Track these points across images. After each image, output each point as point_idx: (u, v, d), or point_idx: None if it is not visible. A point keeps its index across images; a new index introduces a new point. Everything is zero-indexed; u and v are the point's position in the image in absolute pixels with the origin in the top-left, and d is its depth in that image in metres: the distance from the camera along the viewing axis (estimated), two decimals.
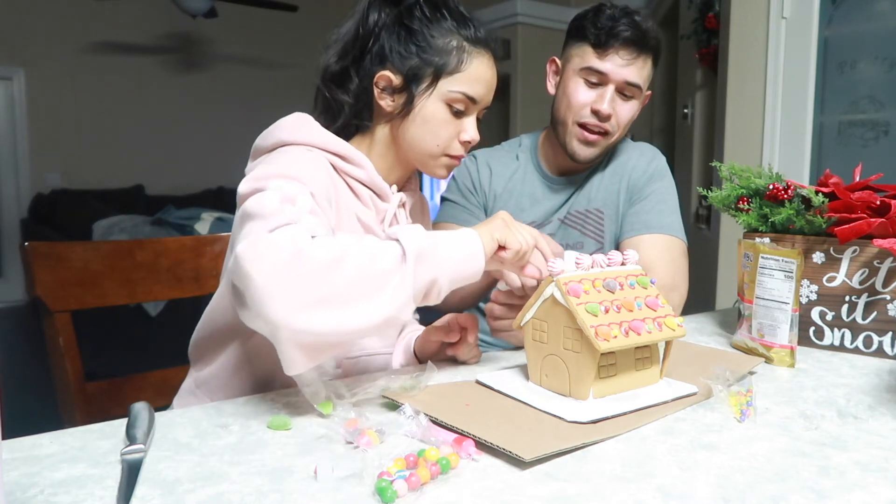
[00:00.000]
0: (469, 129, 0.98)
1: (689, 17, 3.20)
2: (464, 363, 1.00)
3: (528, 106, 4.47)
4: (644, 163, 1.36)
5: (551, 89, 1.37)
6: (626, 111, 1.29)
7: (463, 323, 0.97)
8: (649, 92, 1.35)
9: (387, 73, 0.95)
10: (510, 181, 1.41)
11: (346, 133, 1.00)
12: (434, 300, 0.80)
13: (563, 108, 1.30)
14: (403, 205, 1.03)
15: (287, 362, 0.73)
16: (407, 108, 0.95)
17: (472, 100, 0.96)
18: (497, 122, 5.16)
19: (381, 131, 0.99)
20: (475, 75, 0.95)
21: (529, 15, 4.48)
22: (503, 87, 5.09)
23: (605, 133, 1.29)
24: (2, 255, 5.56)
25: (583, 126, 1.28)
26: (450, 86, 0.94)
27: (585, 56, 1.26)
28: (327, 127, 0.97)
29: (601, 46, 1.24)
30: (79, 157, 5.67)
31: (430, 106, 0.95)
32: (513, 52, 4.53)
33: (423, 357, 1.04)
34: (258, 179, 0.82)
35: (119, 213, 4.82)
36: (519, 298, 1.03)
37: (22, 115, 5.54)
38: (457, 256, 0.80)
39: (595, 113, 1.27)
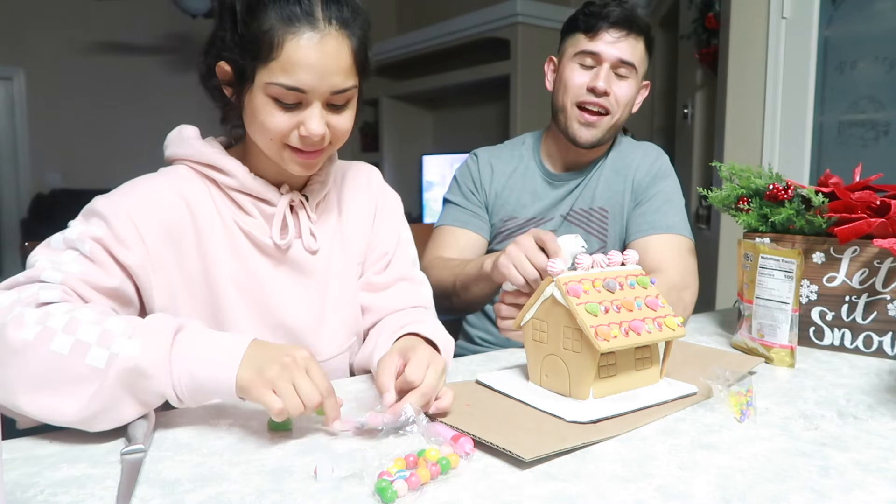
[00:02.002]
0: (309, 122, 0.83)
1: (689, 17, 3.19)
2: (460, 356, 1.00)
3: (528, 106, 4.46)
4: (648, 162, 1.36)
5: (549, 86, 1.40)
6: (624, 90, 1.30)
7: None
8: (647, 82, 1.37)
9: (223, 64, 0.85)
10: (511, 178, 1.41)
11: (234, 138, 0.93)
12: (175, 403, 0.72)
13: (561, 93, 1.33)
14: (303, 203, 0.94)
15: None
16: (241, 102, 0.86)
17: (297, 90, 0.81)
18: (497, 122, 5.16)
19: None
20: (293, 61, 0.80)
21: (529, 15, 4.46)
22: (503, 86, 4.99)
23: (605, 113, 1.30)
24: (2, 255, 5.56)
25: (581, 108, 1.30)
26: (266, 77, 0.81)
27: (578, 43, 1.31)
28: (227, 132, 0.92)
29: (591, 30, 1.29)
30: (79, 157, 5.66)
31: (255, 100, 0.83)
32: (513, 52, 4.52)
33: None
34: (82, 213, 0.84)
35: None
36: (525, 296, 1.02)
37: (22, 115, 5.54)
38: (197, 369, 0.70)
39: (591, 91, 1.29)
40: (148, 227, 0.83)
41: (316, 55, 0.80)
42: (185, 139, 0.91)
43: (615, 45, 1.28)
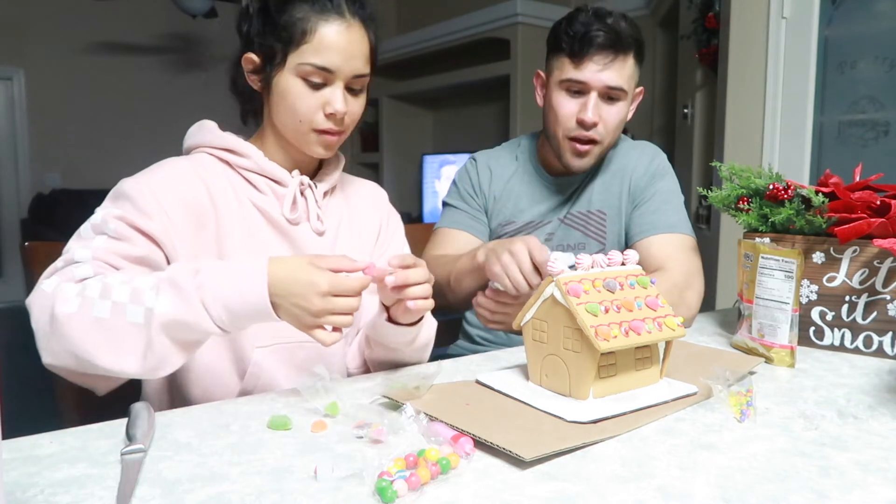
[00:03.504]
0: (333, 101, 0.95)
1: (689, 17, 3.19)
2: (458, 355, 1.01)
3: (528, 106, 4.46)
4: (645, 162, 1.35)
5: (539, 101, 1.37)
6: (613, 115, 1.27)
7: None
8: (641, 88, 1.34)
9: (250, 54, 0.96)
10: (509, 182, 1.41)
11: (251, 127, 1.04)
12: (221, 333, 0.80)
13: (552, 121, 1.30)
14: (311, 187, 1.02)
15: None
16: (268, 87, 0.96)
17: (325, 70, 0.93)
18: (497, 122, 5.16)
19: (269, 117, 1.00)
20: (324, 44, 0.93)
21: (529, 15, 4.46)
22: (503, 86, 4.97)
23: (595, 141, 1.28)
24: (2, 255, 5.56)
25: (573, 139, 1.28)
26: (298, 58, 0.93)
27: (564, 68, 1.26)
28: (244, 123, 1.03)
29: (576, 56, 1.23)
30: (79, 157, 5.67)
31: (284, 81, 0.94)
32: (513, 52, 4.52)
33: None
34: (110, 196, 0.91)
35: None
36: (510, 300, 1.10)
37: (22, 115, 5.54)
38: (230, 302, 0.78)
39: (581, 123, 1.26)
40: (169, 201, 0.90)
41: (343, 40, 0.93)
42: (205, 129, 1.01)
43: (602, 72, 1.23)
